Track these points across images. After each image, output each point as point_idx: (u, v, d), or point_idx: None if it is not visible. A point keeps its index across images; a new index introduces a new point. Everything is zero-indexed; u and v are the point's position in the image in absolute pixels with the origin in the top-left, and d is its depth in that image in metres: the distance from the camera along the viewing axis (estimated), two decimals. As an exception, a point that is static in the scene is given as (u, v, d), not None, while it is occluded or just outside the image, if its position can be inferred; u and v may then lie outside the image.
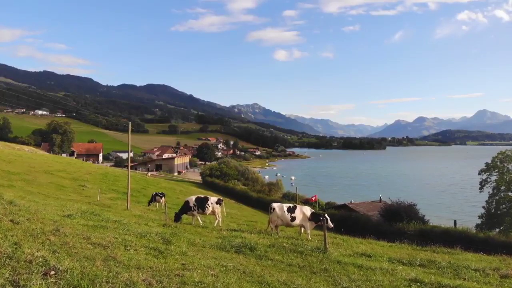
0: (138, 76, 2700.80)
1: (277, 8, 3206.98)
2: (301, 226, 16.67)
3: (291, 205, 17.22)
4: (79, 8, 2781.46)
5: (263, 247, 11.16)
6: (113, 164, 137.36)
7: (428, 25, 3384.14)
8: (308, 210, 16.55)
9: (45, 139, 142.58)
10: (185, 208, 18.70)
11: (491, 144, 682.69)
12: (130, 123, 27.21)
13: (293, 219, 16.28)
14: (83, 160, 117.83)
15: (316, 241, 14.38)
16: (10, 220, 8.48)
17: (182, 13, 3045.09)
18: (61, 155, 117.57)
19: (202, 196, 19.20)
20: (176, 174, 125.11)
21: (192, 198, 18.85)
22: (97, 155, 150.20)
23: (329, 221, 16.13)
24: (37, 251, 6.21)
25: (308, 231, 16.44)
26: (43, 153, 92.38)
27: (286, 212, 16.35)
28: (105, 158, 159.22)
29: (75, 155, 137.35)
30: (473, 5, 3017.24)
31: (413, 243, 17.59)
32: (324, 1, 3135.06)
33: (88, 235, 8.59)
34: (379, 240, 18.68)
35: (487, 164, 52.83)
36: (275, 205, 17.02)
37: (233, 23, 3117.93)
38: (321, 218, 15.93)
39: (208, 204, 18.39)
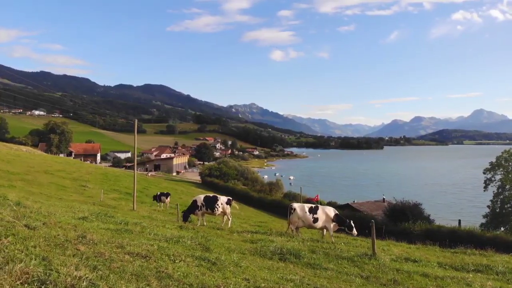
0: (135, 76, 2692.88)
1: (272, 8, 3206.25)
2: (323, 228, 15.80)
3: (313, 205, 16.29)
4: (74, 9, 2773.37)
5: (307, 253, 10.28)
6: (111, 164, 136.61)
7: (424, 25, 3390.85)
8: (331, 211, 15.70)
9: (42, 139, 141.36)
10: (193, 208, 18.02)
11: (488, 144, 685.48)
12: (136, 120, 26.44)
13: (316, 220, 15.39)
14: (81, 160, 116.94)
15: (342, 243, 13.65)
16: (25, 225, 7.36)
17: (178, 14, 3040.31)
18: (58, 155, 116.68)
19: (211, 195, 18.43)
20: (174, 174, 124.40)
21: (201, 197, 18.11)
22: (95, 155, 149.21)
23: (354, 229, 15.70)
24: (76, 270, 5.04)
25: (332, 233, 15.66)
26: (41, 153, 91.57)
27: (308, 213, 15.46)
28: (103, 158, 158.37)
29: (73, 155, 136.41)
30: (468, 5, 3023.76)
31: (434, 244, 16.93)
32: (319, 1, 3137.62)
33: (120, 243, 7.54)
34: (398, 242, 18.10)
35: (491, 163, 52.34)
36: (295, 205, 16.09)
37: (228, 23, 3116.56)
38: (347, 222, 15.43)
39: (217, 204, 17.59)
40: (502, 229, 42.27)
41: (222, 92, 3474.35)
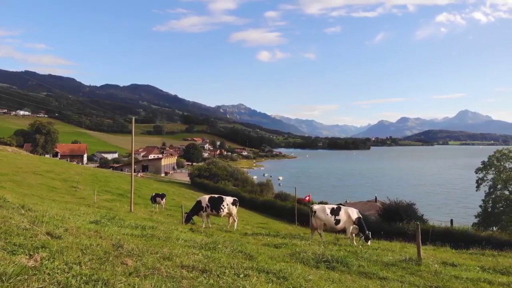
0: (122, 76, 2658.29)
1: (258, 9, 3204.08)
2: (343, 229, 15.32)
3: (335, 206, 15.83)
4: (59, 8, 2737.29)
5: (355, 261, 9.47)
6: (98, 165, 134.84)
7: (409, 27, 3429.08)
8: (354, 213, 15.20)
9: (27, 139, 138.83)
10: (197, 209, 17.56)
11: (473, 144, 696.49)
12: (133, 118, 25.90)
13: (338, 222, 14.93)
14: (67, 161, 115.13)
15: (360, 246, 13.27)
16: (47, 233, 6.22)
17: (164, 14, 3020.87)
18: (44, 156, 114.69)
19: (216, 196, 18.05)
20: (163, 175, 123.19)
21: (205, 198, 17.71)
22: (82, 156, 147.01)
23: (370, 242, 15.26)
24: None
25: (348, 235, 15.22)
26: (27, 154, 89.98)
27: (330, 215, 15.02)
28: (90, 159, 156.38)
29: (59, 156, 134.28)
30: (451, 7, 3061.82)
31: (439, 244, 16.71)
32: (305, 2, 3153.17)
33: (164, 253, 6.48)
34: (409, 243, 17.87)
35: (483, 162, 52.84)
36: (316, 207, 15.67)
37: (215, 23, 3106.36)
38: (366, 232, 15.06)
39: (223, 205, 17.19)
40: (495, 228, 42.63)
41: (210, 92, 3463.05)
